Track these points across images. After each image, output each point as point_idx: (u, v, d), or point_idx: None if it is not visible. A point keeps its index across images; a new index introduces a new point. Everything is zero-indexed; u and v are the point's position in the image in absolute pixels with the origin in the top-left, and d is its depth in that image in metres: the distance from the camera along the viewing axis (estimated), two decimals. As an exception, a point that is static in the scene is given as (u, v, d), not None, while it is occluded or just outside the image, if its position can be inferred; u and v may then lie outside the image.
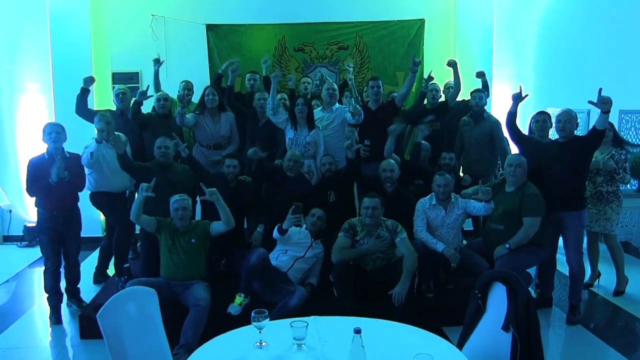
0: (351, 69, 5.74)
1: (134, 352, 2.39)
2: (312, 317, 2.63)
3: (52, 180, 4.20)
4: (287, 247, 4.34)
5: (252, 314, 2.39)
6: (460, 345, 2.66)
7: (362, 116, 5.10)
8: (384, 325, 2.66)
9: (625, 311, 4.65)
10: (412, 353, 2.06)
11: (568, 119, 4.25)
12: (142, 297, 2.59)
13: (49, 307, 4.49)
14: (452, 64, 5.58)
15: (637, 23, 6.16)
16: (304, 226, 4.40)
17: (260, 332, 2.38)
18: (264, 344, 2.38)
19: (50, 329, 4.37)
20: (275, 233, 4.27)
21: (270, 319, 2.48)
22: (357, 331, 2.01)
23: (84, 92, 5.07)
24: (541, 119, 4.68)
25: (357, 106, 5.10)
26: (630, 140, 6.29)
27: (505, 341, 2.43)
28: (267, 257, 4.10)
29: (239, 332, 2.55)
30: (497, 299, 2.58)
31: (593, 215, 4.82)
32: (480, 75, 5.71)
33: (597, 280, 5.16)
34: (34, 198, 4.44)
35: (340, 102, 5.56)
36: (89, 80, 5.08)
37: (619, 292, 4.95)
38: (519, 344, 2.37)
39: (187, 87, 5.77)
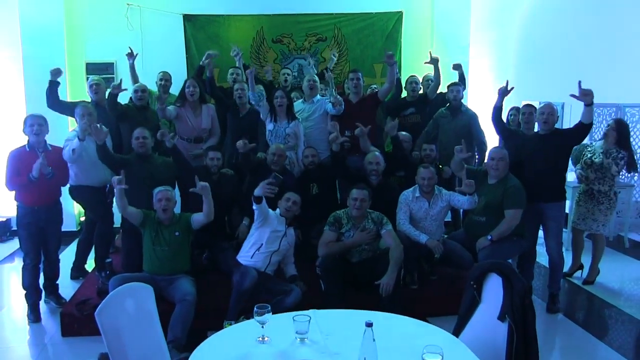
0: (335, 58, 5.72)
1: (133, 349, 2.34)
2: (311, 310, 2.63)
3: (33, 176, 4.09)
4: (262, 239, 4.13)
5: (255, 308, 2.37)
6: (455, 335, 2.69)
7: (343, 106, 5.10)
8: (383, 317, 2.67)
9: (600, 299, 4.80)
10: (416, 344, 2.08)
11: (551, 111, 4.34)
12: (139, 293, 2.54)
13: (26, 305, 4.37)
14: (434, 61, 5.61)
15: (613, 18, 6.31)
16: (278, 212, 4.26)
17: (262, 327, 2.37)
18: (266, 339, 2.36)
19: (28, 327, 4.26)
20: (254, 205, 4.08)
21: None
22: (369, 324, 2.02)
23: (52, 85, 4.93)
24: (527, 112, 4.77)
25: (338, 96, 5.10)
26: (600, 133, 6.46)
27: (501, 331, 2.47)
28: (257, 279, 3.95)
29: (240, 327, 2.55)
30: (493, 290, 2.62)
31: (581, 214, 4.90)
32: (457, 67, 5.77)
33: (580, 272, 5.25)
34: (12, 192, 4.29)
35: None
36: (56, 73, 4.94)
37: (588, 281, 5.08)
38: (515, 334, 2.42)
39: (165, 78, 5.68)
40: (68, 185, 4.65)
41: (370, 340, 2.00)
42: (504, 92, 4.60)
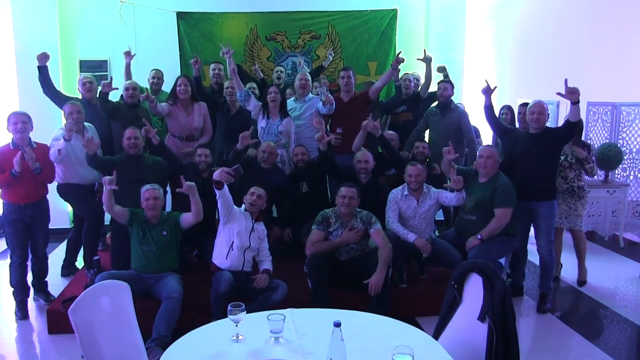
0: (331, 57, 5.70)
1: (107, 348, 2.32)
2: (288, 309, 2.62)
3: (16, 171, 4.07)
4: (232, 236, 4.05)
5: (229, 307, 2.35)
6: (436, 336, 2.67)
7: (334, 106, 5.08)
8: (361, 317, 2.66)
9: (592, 299, 4.76)
10: (390, 344, 2.05)
11: (541, 110, 4.30)
12: (115, 291, 2.52)
13: (14, 302, 4.36)
14: (428, 60, 5.59)
15: (610, 16, 6.28)
16: (243, 207, 4.17)
17: (237, 325, 2.35)
18: (240, 337, 2.35)
19: (16, 324, 4.25)
20: (216, 193, 3.97)
21: (252, 311, 2.44)
22: (337, 324, 1.99)
23: (42, 70, 4.90)
24: (522, 111, 4.76)
25: (329, 94, 5.07)
26: (596, 132, 6.44)
27: (481, 331, 2.44)
28: (232, 280, 3.91)
29: (215, 325, 2.53)
30: (473, 290, 2.59)
31: (563, 212, 4.84)
32: (442, 69, 5.75)
33: (559, 271, 5.21)
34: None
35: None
36: (43, 57, 4.90)
37: (582, 282, 5.04)
38: (495, 334, 2.39)
39: (157, 76, 5.66)
40: (56, 183, 4.64)
41: (338, 340, 1.98)
42: (487, 91, 4.61)
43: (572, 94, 4.06)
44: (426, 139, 5.71)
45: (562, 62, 6.55)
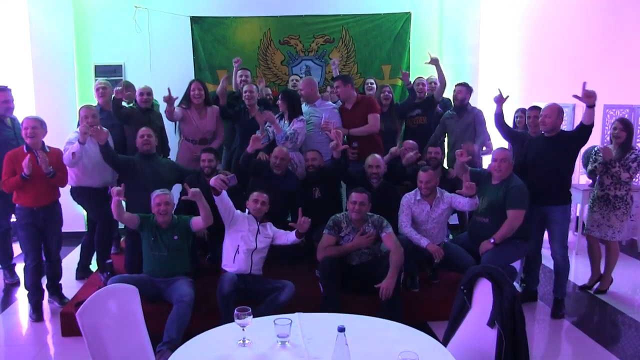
0: (336, 65, 5.67)
1: (114, 351, 2.33)
2: (296, 314, 2.61)
3: (25, 174, 4.10)
4: (237, 240, 4.07)
5: (235, 311, 2.35)
6: (445, 341, 2.65)
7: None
8: (369, 322, 2.64)
9: (609, 305, 4.68)
10: (397, 350, 2.03)
11: (549, 113, 4.24)
12: (123, 295, 2.53)
13: (29, 304, 4.41)
14: (435, 62, 5.56)
15: (621, 19, 6.20)
16: (247, 211, 4.19)
17: (243, 329, 2.34)
18: (247, 341, 2.34)
19: (31, 326, 4.30)
20: (215, 199, 3.97)
21: (259, 314, 2.44)
22: (341, 329, 1.98)
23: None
24: (532, 115, 4.71)
25: (329, 120, 5.01)
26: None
27: (491, 337, 2.41)
28: (236, 280, 3.90)
29: (221, 329, 2.52)
30: (483, 295, 2.56)
31: (595, 220, 4.75)
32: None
33: (597, 284, 4.99)
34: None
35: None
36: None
37: (601, 291, 4.91)
38: (504, 340, 2.36)
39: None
40: (69, 187, 4.68)
41: (342, 345, 1.97)
42: (499, 100, 4.65)
43: (589, 97, 4.00)
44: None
45: (578, 64, 6.49)
